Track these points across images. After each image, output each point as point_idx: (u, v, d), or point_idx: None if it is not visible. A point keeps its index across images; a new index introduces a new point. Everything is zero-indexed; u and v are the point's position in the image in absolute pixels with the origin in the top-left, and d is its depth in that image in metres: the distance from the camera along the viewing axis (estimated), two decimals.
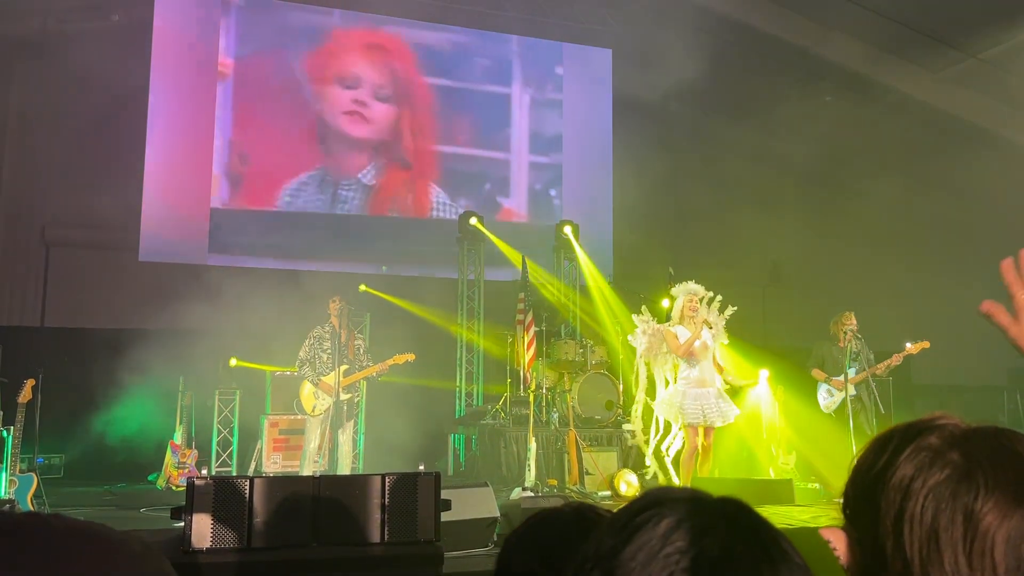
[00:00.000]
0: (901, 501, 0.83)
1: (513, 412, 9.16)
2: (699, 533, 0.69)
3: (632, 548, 0.69)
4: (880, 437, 0.92)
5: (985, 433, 0.87)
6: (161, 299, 9.07)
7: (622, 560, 0.69)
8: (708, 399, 7.02)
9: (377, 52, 11.69)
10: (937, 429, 0.88)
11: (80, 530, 0.75)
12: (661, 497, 0.74)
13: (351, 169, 11.44)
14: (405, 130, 11.71)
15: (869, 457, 0.90)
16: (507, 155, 12.25)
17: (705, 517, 0.71)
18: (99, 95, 9.80)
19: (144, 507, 7.18)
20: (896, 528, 0.82)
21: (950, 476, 0.82)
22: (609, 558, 0.70)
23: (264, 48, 11.18)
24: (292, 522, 4.24)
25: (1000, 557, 0.78)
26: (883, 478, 0.86)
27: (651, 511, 0.72)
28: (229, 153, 10.91)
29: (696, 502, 0.73)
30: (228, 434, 9.16)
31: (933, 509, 0.81)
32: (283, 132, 11.15)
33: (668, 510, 0.71)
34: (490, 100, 12.21)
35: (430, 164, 11.87)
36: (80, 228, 10.13)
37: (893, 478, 0.85)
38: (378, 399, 9.06)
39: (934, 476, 0.83)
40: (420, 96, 11.86)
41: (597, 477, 8.17)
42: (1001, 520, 0.79)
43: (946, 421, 0.89)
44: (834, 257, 12.44)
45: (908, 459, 0.85)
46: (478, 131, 12.11)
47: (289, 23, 11.31)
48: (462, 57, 12.14)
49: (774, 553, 0.70)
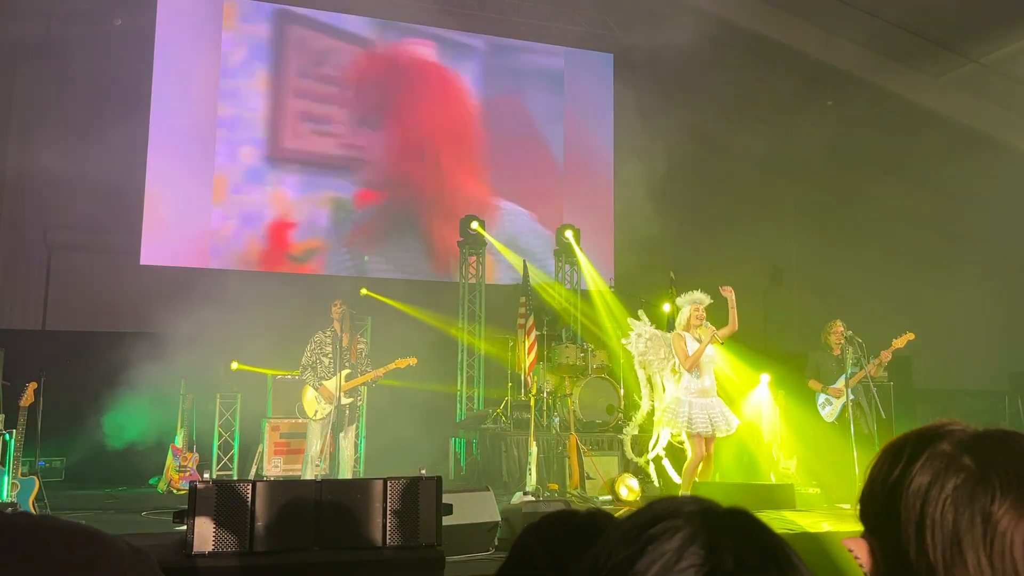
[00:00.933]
0: (921, 508, 0.85)
1: (514, 416, 9.16)
2: (714, 547, 0.69)
3: (646, 560, 0.70)
4: (891, 446, 0.94)
5: (994, 437, 0.89)
6: (162, 303, 9.08)
7: (636, 572, 0.69)
8: (713, 408, 7.00)
9: (374, 53, 11.73)
10: (947, 436, 0.90)
11: (70, 531, 0.75)
12: (673, 509, 0.74)
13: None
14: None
15: (884, 467, 0.92)
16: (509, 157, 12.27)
17: (719, 530, 0.71)
18: (102, 98, 9.82)
19: (145, 511, 7.18)
20: (918, 535, 0.85)
21: (966, 480, 0.85)
22: (622, 569, 0.70)
23: (267, 53, 11.20)
24: (294, 526, 4.24)
25: (1019, 555, 0.81)
26: (901, 487, 0.88)
27: (665, 523, 0.72)
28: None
29: (709, 515, 0.73)
30: (229, 438, 9.16)
31: (953, 514, 0.83)
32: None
33: (682, 522, 0.72)
34: (492, 103, 12.23)
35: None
36: (82, 231, 10.15)
37: (911, 486, 0.87)
38: (380, 403, 9.06)
39: (951, 482, 0.85)
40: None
41: (598, 481, 8.17)
42: (1018, 520, 0.82)
43: (954, 427, 0.92)
44: (835, 261, 12.45)
45: (924, 467, 0.88)
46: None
47: (286, 25, 11.33)
48: (465, 61, 12.16)
49: (784, 566, 0.71)
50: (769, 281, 12.42)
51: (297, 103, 11.30)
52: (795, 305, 11.70)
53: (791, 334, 11.77)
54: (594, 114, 12.57)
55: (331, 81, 11.48)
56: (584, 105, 12.57)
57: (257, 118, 11.10)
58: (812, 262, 12.35)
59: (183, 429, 8.88)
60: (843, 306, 9.12)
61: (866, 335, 7.93)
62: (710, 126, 10.40)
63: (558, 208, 12.23)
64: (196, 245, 10.49)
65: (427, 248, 11.67)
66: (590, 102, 12.59)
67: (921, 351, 8.84)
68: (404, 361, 7.41)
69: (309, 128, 11.32)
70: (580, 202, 12.24)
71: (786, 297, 12.11)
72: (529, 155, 12.30)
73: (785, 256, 12.55)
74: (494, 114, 12.15)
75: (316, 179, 11.28)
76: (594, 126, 12.55)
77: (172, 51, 10.63)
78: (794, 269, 12.53)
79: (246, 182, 10.95)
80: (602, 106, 12.57)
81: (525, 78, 12.38)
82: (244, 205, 10.91)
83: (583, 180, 12.40)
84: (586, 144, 12.49)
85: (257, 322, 8.95)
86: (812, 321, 8.96)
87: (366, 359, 7.51)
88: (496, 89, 12.23)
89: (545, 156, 12.40)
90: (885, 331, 8.05)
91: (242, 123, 10.99)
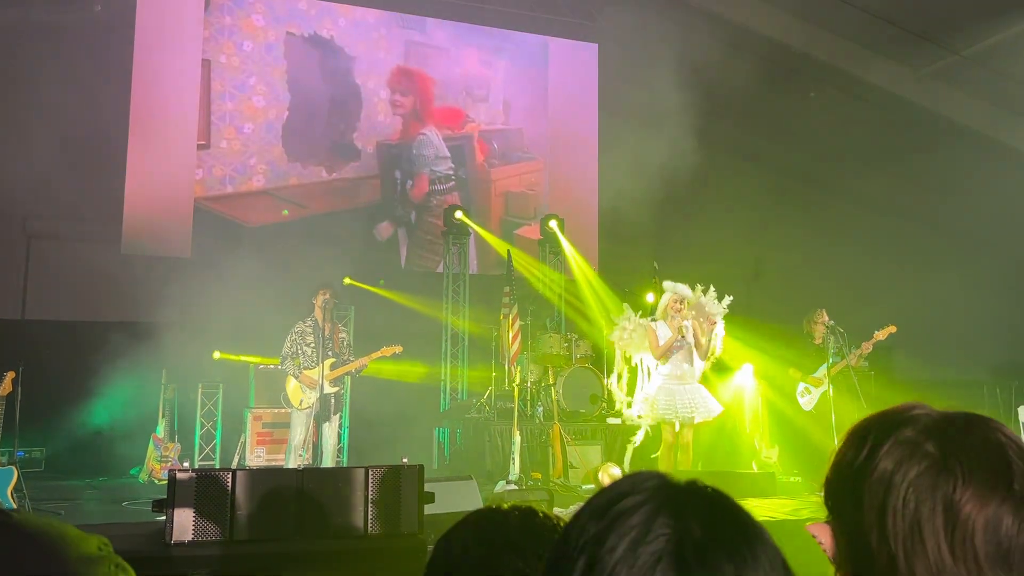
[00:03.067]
0: (883, 494, 0.86)
1: (498, 406, 9.18)
2: (680, 516, 0.70)
3: (617, 534, 0.70)
4: (856, 430, 0.94)
5: (958, 422, 0.89)
6: (143, 292, 9.00)
7: (608, 546, 0.70)
8: (691, 394, 7.04)
9: (368, 43, 11.65)
10: (912, 421, 0.90)
11: (32, 531, 0.74)
12: (636, 483, 0.75)
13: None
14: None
15: (848, 451, 0.92)
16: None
17: (684, 501, 0.72)
18: (80, 86, 9.70)
19: (126, 501, 7.15)
20: (880, 520, 0.85)
21: (929, 468, 0.85)
22: (595, 544, 0.71)
23: (248, 38, 11.10)
24: (276, 515, 4.23)
25: (980, 543, 0.81)
26: (864, 472, 0.88)
27: (630, 497, 0.73)
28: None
29: (671, 488, 0.74)
30: (211, 428, 9.11)
31: (915, 501, 0.84)
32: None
33: (647, 496, 0.72)
34: (477, 93, 12.19)
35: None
36: (62, 220, 10.03)
37: (875, 473, 0.87)
38: (363, 392, 9.04)
39: (913, 469, 0.85)
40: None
41: (581, 470, 8.20)
42: (980, 508, 0.82)
43: (920, 411, 0.92)
44: (817, 253, 12.51)
45: (888, 454, 0.88)
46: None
47: (271, 10, 11.23)
48: (447, 49, 12.11)
49: (751, 534, 0.72)
50: (751, 273, 12.47)
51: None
52: (777, 297, 11.73)
53: (773, 326, 11.81)
54: (578, 104, 12.56)
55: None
56: (568, 94, 12.55)
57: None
58: (794, 254, 12.39)
59: (165, 419, 8.83)
60: (825, 296, 9.16)
61: (847, 326, 7.98)
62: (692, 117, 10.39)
63: (542, 198, 12.24)
64: (177, 234, 10.40)
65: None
66: (574, 91, 12.57)
67: (903, 342, 8.89)
68: (389, 349, 7.40)
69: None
70: (564, 192, 12.24)
71: (768, 288, 12.14)
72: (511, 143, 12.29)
73: (767, 248, 12.59)
74: (480, 102, 12.13)
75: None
76: (578, 116, 12.54)
77: (153, 37, 10.52)
78: (776, 261, 12.57)
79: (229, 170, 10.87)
80: (587, 95, 12.56)
81: (509, 66, 12.34)
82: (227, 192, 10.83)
83: (567, 170, 12.40)
84: (570, 134, 12.48)
85: (239, 311, 8.88)
86: (794, 312, 9.00)
87: (348, 348, 7.49)
88: (481, 77, 12.19)
89: (528, 145, 12.39)
90: (867, 322, 8.11)
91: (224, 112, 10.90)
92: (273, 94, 11.13)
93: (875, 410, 0.97)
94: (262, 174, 10.98)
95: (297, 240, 10.60)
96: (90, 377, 8.65)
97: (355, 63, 11.54)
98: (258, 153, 10.99)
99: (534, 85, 12.48)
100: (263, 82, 11.10)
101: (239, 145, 10.93)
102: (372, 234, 11.36)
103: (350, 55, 11.53)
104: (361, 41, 11.62)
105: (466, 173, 12.01)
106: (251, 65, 11.08)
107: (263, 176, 10.98)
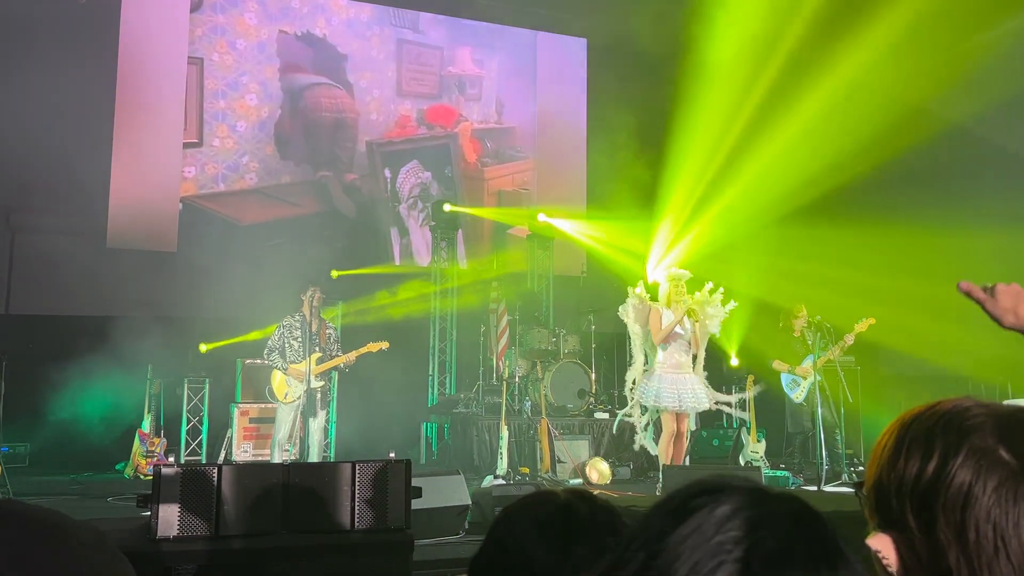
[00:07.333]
0: (962, 509, 0.82)
1: (485, 401, 9.18)
2: (756, 525, 0.66)
3: (683, 531, 0.67)
4: (913, 436, 0.89)
5: (1020, 422, 0.86)
6: (129, 286, 8.94)
7: (670, 543, 0.66)
8: (684, 384, 7.11)
9: (361, 42, 11.59)
10: (979, 427, 0.86)
11: (31, 516, 0.74)
12: (721, 483, 0.71)
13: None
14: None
15: (912, 461, 0.88)
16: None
17: (766, 510, 0.68)
18: (66, 79, 9.61)
19: (112, 496, 7.10)
20: (960, 537, 0.82)
21: (1008, 478, 0.82)
22: (656, 540, 0.67)
23: (240, 36, 11.03)
24: (262, 510, 4.20)
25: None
26: (937, 486, 0.85)
27: (709, 496, 0.69)
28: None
29: (758, 493, 0.70)
30: (197, 423, 9.07)
31: (997, 513, 0.81)
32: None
33: (727, 497, 0.68)
34: (470, 92, 12.16)
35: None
36: (46, 214, 9.94)
37: (951, 487, 0.84)
38: (350, 387, 9.02)
39: (993, 480, 0.82)
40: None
41: (569, 465, 8.22)
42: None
43: (979, 411, 0.88)
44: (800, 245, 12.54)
45: (963, 465, 0.84)
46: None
47: (264, 9, 11.16)
48: (440, 48, 12.06)
49: (834, 555, 0.68)
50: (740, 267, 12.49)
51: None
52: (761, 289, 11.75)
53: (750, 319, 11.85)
54: (566, 98, 12.54)
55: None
56: (556, 89, 12.53)
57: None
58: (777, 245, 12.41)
59: (150, 414, 8.78)
60: (808, 290, 9.21)
61: (834, 322, 8.03)
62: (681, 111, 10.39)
63: (530, 193, 12.23)
64: (163, 228, 10.33)
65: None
66: (562, 86, 12.55)
67: (887, 336, 8.94)
68: (376, 345, 7.40)
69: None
70: (552, 187, 12.23)
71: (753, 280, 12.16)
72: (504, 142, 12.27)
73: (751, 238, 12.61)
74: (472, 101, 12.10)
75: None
76: (566, 110, 12.52)
77: (138, 30, 10.44)
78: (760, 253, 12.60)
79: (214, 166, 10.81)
80: (575, 90, 12.55)
81: (502, 66, 12.31)
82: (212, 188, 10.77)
83: (556, 165, 12.39)
84: (558, 128, 12.46)
85: (225, 306, 8.84)
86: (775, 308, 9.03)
87: (336, 344, 7.47)
88: (474, 76, 12.16)
89: (518, 139, 12.37)
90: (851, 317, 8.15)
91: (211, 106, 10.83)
92: (266, 92, 11.07)
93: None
94: (254, 172, 10.92)
95: (287, 238, 10.56)
96: (75, 372, 8.58)
97: (347, 62, 11.49)
98: (251, 151, 10.93)
99: (526, 84, 12.46)
100: (256, 80, 11.04)
101: (232, 143, 10.86)
102: (362, 232, 11.31)
103: (342, 53, 11.48)
104: (354, 40, 11.57)
105: (459, 172, 11.98)
106: (244, 63, 11.01)
107: (255, 174, 10.92)
